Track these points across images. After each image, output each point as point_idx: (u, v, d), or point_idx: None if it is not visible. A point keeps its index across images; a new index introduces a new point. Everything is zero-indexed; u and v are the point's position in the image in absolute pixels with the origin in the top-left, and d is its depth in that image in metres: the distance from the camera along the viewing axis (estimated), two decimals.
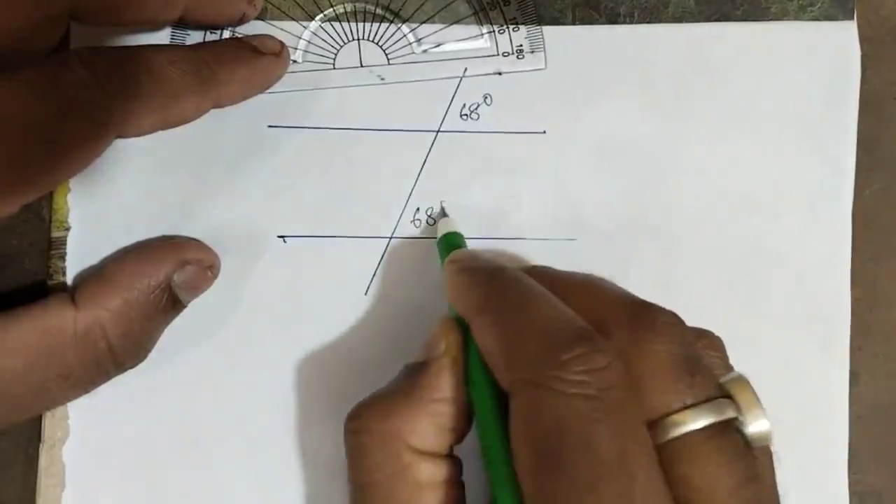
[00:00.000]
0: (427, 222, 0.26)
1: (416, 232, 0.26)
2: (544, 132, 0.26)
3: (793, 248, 0.27)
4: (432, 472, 0.20)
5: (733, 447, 0.18)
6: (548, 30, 0.26)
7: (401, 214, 0.26)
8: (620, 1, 0.26)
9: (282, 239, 0.25)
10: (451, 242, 0.24)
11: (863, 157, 0.27)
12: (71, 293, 0.22)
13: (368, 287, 0.26)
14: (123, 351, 0.22)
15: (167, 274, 0.23)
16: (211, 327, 0.25)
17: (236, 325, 0.25)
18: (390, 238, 0.26)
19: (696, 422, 0.17)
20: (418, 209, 0.26)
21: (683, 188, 0.26)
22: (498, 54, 0.26)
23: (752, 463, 0.18)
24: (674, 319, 0.19)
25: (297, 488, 0.25)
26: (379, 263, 0.26)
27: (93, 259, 0.25)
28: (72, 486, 0.24)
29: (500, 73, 0.26)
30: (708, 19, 0.27)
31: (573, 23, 0.26)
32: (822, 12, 0.27)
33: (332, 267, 0.25)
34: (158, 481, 0.25)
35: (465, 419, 0.20)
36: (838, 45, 0.27)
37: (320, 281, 0.25)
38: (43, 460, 0.24)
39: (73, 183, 0.25)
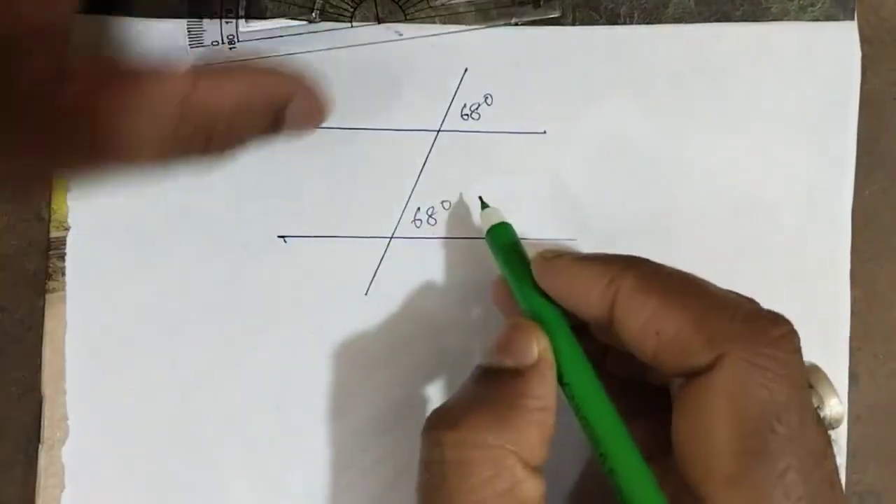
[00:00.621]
0: (428, 222, 0.26)
1: (416, 232, 0.26)
2: (545, 132, 0.26)
3: (792, 247, 0.27)
4: (536, 488, 0.18)
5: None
6: (547, 30, 0.26)
7: (401, 214, 0.26)
8: (621, 2, 0.26)
9: (282, 239, 0.25)
10: (504, 235, 0.23)
11: (863, 157, 0.27)
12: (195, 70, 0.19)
13: (369, 287, 0.26)
14: (215, 141, 0.20)
15: (286, 94, 0.20)
16: (211, 327, 0.25)
17: (236, 325, 0.25)
18: (391, 238, 0.26)
19: None
20: (419, 209, 0.26)
21: (683, 188, 0.26)
22: (514, 4, 0.26)
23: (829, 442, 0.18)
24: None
25: (298, 488, 0.25)
26: (379, 264, 0.26)
27: (92, 260, 0.25)
28: (71, 486, 0.24)
29: (516, 24, 0.26)
30: (707, 20, 0.27)
31: (573, 23, 0.26)
32: (822, 12, 0.27)
33: (332, 267, 0.25)
34: (158, 482, 0.25)
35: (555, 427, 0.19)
36: (838, 44, 0.27)
37: (321, 281, 0.25)
38: (42, 461, 0.24)
39: (73, 183, 0.25)
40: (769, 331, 0.17)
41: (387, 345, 0.25)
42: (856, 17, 0.27)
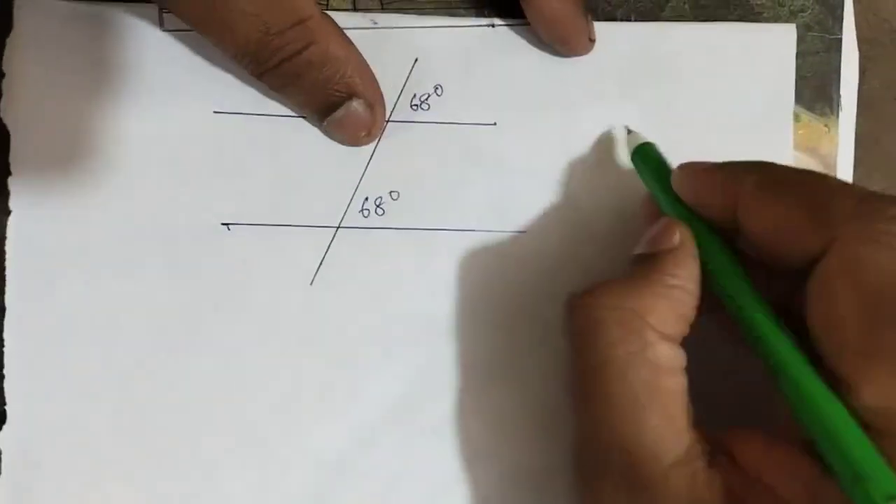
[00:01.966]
0: (376, 212, 0.26)
1: (364, 222, 0.25)
2: (495, 124, 0.26)
3: None
4: (670, 356, 0.20)
5: None
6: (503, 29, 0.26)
7: (349, 204, 0.25)
8: (617, 5, 0.26)
9: (226, 227, 0.25)
10: (649, 151, 0.24)
11: (863, 157, 0.27)
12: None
13: (314, 277, 0.25)
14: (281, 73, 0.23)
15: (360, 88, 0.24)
16: (151, 315, 0.25)
17: (177, 313, 0.25)
18: (338, 228, 0.25)
19: None
20: (367, 199, 0.26)
21: (634, 183, 0.26)
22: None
23: None
24: None
25: (242, 479, 0.25)
26: (325, 253, 0.25)
27: (31, 243, 0.24)
28: (8, 472, 0.24)
29: (493, 26, 0.26)
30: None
31: None
32: (812, 17, 0.27)
33: (277, 256, 0.25)
34: (96, 469, 0.24)
35: (695, 312, 0.21)
36: (777, 47, 0.27)
37: (265, 270, 0.25)
38: None
39: (16, 167, 0.24)
40: (884, 209, 0.18)
41: (332, 336, 0.25)
42: (844, 23, 0.27)
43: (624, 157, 0.26)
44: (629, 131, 0.25)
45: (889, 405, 0.17)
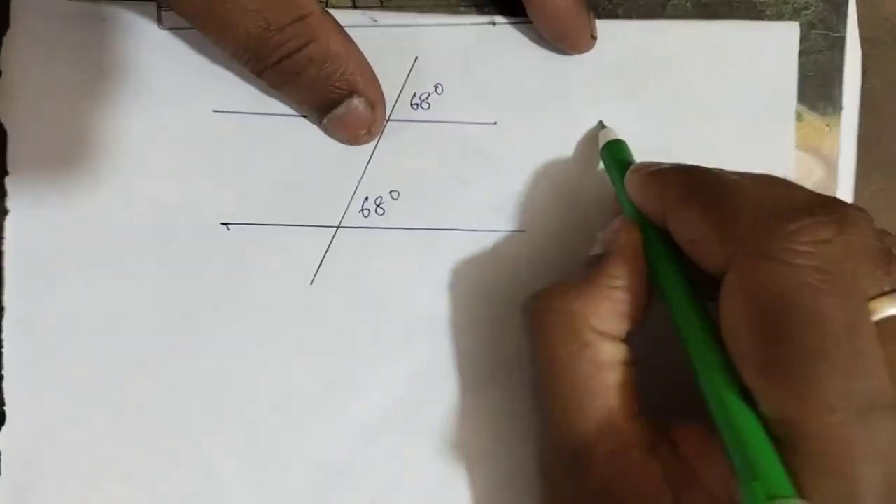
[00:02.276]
0: (376, 212, 0.25)
1: (364, 222, 0.25)
2: (496, 123, 0.26)
3: None
4: (611, 353, 0.21)
5: None
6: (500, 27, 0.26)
7: (349, 203, 0.25)
8: (618, 3, 0.26)
9: (225, 226, 0.25)
10: (616, 149, 0.24)
11: (863, 156, 0.27)
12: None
13: (314, 277, 0.25)
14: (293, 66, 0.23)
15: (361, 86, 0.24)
16: (150, 315, 0.25)
17: (177, 313, 0.25)
18: (338, 227, 0.25)
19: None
20: (367, 198, 0.25)
21: None
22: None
23: None
24: (864, 214, 0.19)
25: (242, 479, 0.25)
26: (325, 253, 0.25)
27: (30, 243, 0.24)
28: (7, 473, 0.24)
29: (493, 24, 0.26)
30: None
31: None
32: (815, 15, 0.26)
33: (277, 256, 0.25)
34: (95, 470, 0.24)
35: (641, 309, 0.21)
36: (779, 44, 0.26)
37: (265, 270, 0.25)
38: None
39: (14, 167, 0.24)
40: (783, 225, 0.18)
41: (332, 336, 0.25)
42: (848, 21, 0.27)
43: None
44: (602, 126, 0.25)
45: (783, 416, 0.17)
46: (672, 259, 0.21)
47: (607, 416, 0.20)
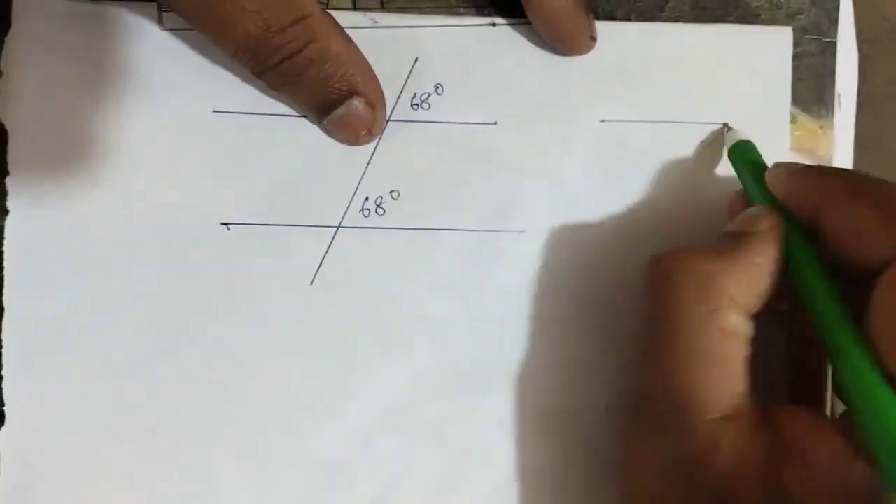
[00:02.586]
0: (376, 212, 0.26)
1: (364, 222, 0.25)
2: (496, 123, 0.26)
3: None
4: (740, 324, 0.21)
5: None
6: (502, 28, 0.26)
7: (349, 203, 0.25)
8: (617, 5, 0.26)
9: (225, 226, 0.25)
10: (746, 149, 0.25)
11: (863, 156, 0.27)
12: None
13: (314, 277, 0.25)
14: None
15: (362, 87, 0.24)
16: (149, 315, 0.25)
17: (176, 313, 0.25)
18: (338, 228, 0.25)
19: None
20: (367, 198, 0.25)
21: (638, 182, 0.26)
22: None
23: None
24: None
25: (242, 478, 0.25)
26: (325, 253, 0.25)
27: (29, 244, 0.24)
28: (6, 474, 0.24)
29: (493, 25, 0.26)
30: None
31: None
32: (808, 20, 0.27)
33: (276, 256, 0.25)
34: (94, 470, 0.24)
35: (771, 293, 0.22)
36: (773, 48, 0.27)
37: (265, 270, 0.25)
38: None
39: (14, 167, 0.24)
40: None
41: (332, 336, 0.25)
42: (840, 26, 0.27)
43: (624, 156, 0.26)
44: (728, 128, 0.26)
45: None
46: (812, 250, 0.22)
47: (724, 383, 0.20)
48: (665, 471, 0.21)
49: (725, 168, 0.26)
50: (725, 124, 0.26)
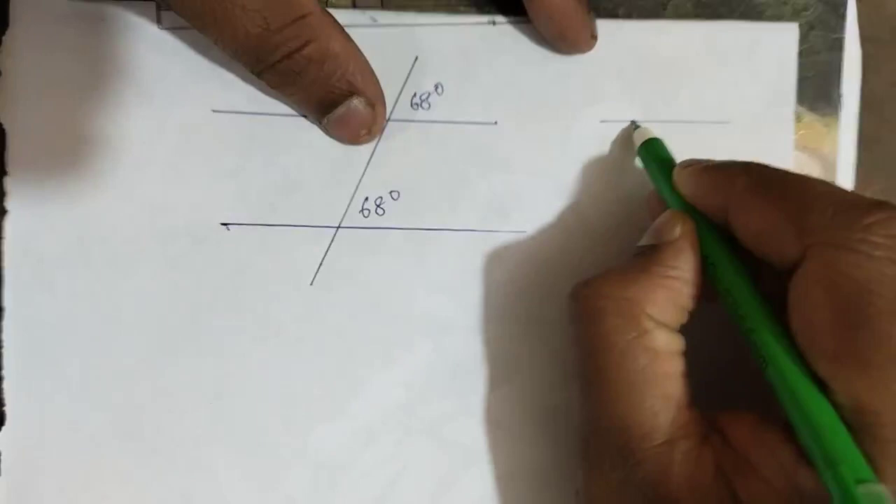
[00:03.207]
0: (376, 212, 0.25)
1: (364, 222, 0.25)
2: (496, 123, 0.26)
3: None
4: (667, 342, 0.21)
5: None
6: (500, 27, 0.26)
7: (349, 204, 0.25)
8: (619, 3, 0.26)
9: (225, 227, 0.25)
10: (655, 146, 0.24)
11: (863, 156, 0.27)
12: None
13: (315, 277, 0.25)
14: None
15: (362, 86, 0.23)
16: (151, 316, 0.25)
17: (177, 313, 0.25)
18: (338, 228, 0.25)
19: None
20: (367, 198, 0.25)
21: (636, 183, 0.26)
22: None
23: None
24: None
25: (242, 478, 0.25)
26: (325, 254, 0.25)
27: (30, 244, 0.24)
28: (7, 474, 0.24)
29: (493, 24, 0.26)
30: None
31: None
32: (815, 16, 0.27)
33: (277, 256, 0.25)
34: (96, 470, 0.24)
35: (694, 300, 0.21)
36: (779, 45, 0.26)
37: (265, 271, 0.25)
38: None
39: (13, 167, 0.24)
40: (860, 218, 0.18)
41: (332, 336, 0.25)
42: (847, 22, 0.27)
43: (624, 155, 0.26)
44: (636, 126, 0.26)
45: (857, 404, 0.18)
46: (728, 251, 0.21)
47: (662, 405, 0.20)
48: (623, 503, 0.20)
49: None
50: (633, 121, 0.26)
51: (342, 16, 0.24)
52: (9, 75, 0.24)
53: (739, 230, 0.21)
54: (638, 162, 0.25)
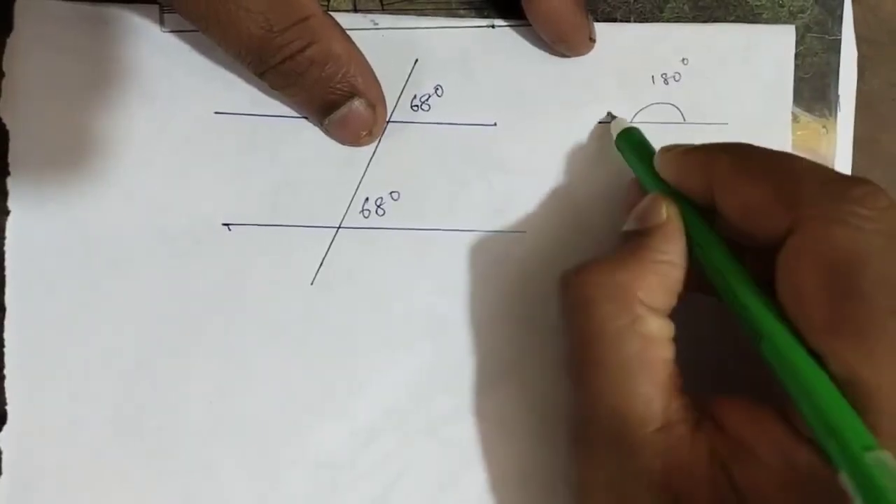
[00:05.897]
0: (376, 213, 0.26)
1: (364, 222, 0.26)
2: (495, 124, 0.26)
3: None
4: (659, 327, 0.21)
5: None
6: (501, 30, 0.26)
7: (349, 204, 0.26)
8: (617, 6, 0.26)
9: (226, 227, 0.25)
10: (632, 135, 0.25)
11: (862, 157, 0.27)
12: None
13: (315, 277, 0.25)
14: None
15: (354, 90, 0.23)
16: (152, 316, 0.25)
17: (178, 313, 0.25)
18: (338, 228, 0.25)
19: None
20: (367, 199, 0.26)
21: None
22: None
23: None
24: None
25: (242, 478, 0.25)
26: (326, 254, 0.25)
27: (31, 244, 0.24)
28: (8, 472, 0.24)
29: (493, 27, 0.26)
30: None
31: None
32: (811, 18, 0.27)
33: (277, 256, 0.25)
34: (97, 469, 0.24)
35: (683, 283, 0.21)
36: (776, 47, 0.27)
37: (266, 270, 0.25)
38: None
39: (16, 167, 0.24)
40: (848, 191, 0.19)
41: (333, 336, 0.25)
42: (844, 23, 0.27)
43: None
44: (613, 116, 0.26)
45: (851, 376, 0.18)
46: (713, 231, 0.21)
47: (656, 392, 0.20)
48: (619, 493, 0.20)
49: None
50: (609, 112, 0.26)
51: (343, 19, 0.24)
52: (12, 77, 0.24)
53: (725, 209, 0.21)
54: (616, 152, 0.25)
